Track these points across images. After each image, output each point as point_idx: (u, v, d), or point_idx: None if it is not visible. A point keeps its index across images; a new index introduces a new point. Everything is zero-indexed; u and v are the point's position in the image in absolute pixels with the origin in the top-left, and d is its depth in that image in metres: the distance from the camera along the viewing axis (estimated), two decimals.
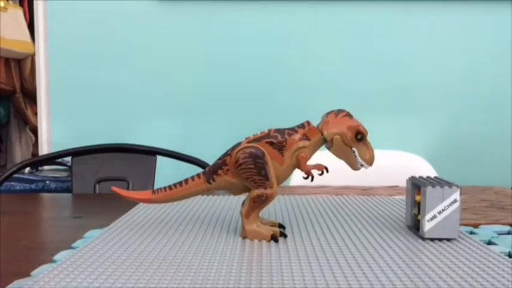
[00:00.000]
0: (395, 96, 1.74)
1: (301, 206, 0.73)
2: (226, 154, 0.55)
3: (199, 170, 1.22)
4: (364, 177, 0.84)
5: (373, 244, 0.52)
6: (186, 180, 0.56)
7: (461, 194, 0.53)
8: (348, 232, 0.57)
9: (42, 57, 1.77)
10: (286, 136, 0.54)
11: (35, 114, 2.45)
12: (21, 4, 2.83)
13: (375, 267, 0.45)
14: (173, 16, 1.72)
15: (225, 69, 1.73)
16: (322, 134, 0.54)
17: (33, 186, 1.76)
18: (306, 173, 0.54)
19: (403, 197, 0.80)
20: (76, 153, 1.26)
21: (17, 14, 2.72)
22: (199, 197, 0.80)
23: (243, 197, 0.59)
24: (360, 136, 0.54)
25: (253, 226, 0.54)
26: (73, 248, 0.53)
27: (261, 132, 0.55)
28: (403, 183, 0.71)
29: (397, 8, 1.72)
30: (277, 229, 0.55)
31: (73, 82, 1.75)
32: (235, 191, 0.56)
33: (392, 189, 0.93)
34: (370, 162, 0.54)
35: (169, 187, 0.56)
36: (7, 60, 2.80)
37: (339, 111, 0.56)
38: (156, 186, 1.23)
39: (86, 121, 1.74)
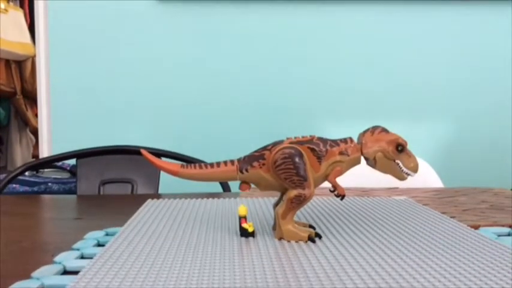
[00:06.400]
0: (397, 98, 1.74)
1: (303, 207, 0.73)
2: (265, 148, 0.55)
3: None
4: (364, 178, 0.84)
5: (378, 244, 0.53)
6: (218, 164, 0.55)
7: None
8: (365, 234, 0.58)
9: (43, 59, 1.78)
10: (328, 147, 0.55)
11: (36, 115, 2.45)
12: (21, 6, 2.84)
13: (388, 265, 0.45)
14: (173, 16, 1.73)
15: (225, 69, 1.73)
16: (362, 153, 0.55)
17: (35, 188, 1.76)
18: (332, 186, 0.55)
19: (404, 198, 0.80)
20: (81, 155, 1.26)
21: (18, 15, 2.73)
22: (215, 199, 0.80)
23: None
24: (400, 147, 0.55)
25: (290, 227, 0.54)
26: (73, 249, 0.53)
27: (303, 137, 0.56)
28: (403, 184, 0.71)
29: (399, 9, 1.72)
30: (312, 230, 0.55)
31: (73, 83, 1.75)
32: (264, 186, 0.56)
33: (392, 191, 0.93)
34: (415, 169, 0.55)
35: (200, 165, 0.56)
36: (7, 62, 2.80)
37: (374, 128, 0.57)
38: (160, 189, 1.22)
39: (87, 122, 1.74)
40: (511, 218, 0.70)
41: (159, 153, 1.27)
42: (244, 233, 0.56)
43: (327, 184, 0.57)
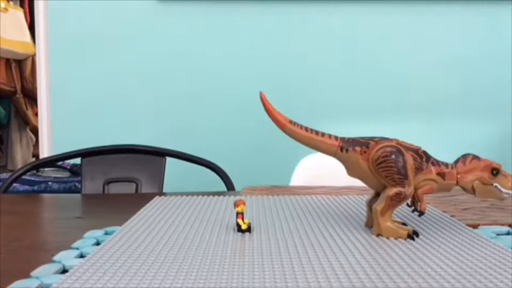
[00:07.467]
0: (396, 98, 1.74)
1: (303, 206, 0.73)
2: (371, 138, 0.56)
3: (208, 171, 1.22)
4: None
5: (374, 244, 0.53)
6: (323, 134, 0.57)
7: None
8: (365, 230, 0.58)
9: (43, 58, 1.78)
10: (430, 164, 0.55)
11: (36, 114, 2.45)
12: (21, 5, 2.84)
13: (387, 264, 0.45)
14: (173, 16, 1.72)
15: (225, 69, 1.73)
16: (457, 183, 0.56)
17: (35, 187, 1.76)
18: (418, 200, 0.55)
19: None
20: (85, 154, 1.26)
21: (18, 14, 2.73)
22: (220, 197, 0.80)
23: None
24: (495, 171, 0.56)
25: (389, 224, 0.54)
26: (72, 248, 0.53)
27: (411, 144, 0.56)
28: None
29: (398, 9, 1.72)
30: (410, 228, 0.55)
31: (74, 82, 1.75)
32: (354, 172, 0.56)
33: None
34: None
35: (306, 128, 0.57)
36: (7, 61, 2.80)
37: (464, 157, 0.57)
38: (165, 188, 1.22)
39: (87, 122, 1.74)
40: (511, 217, 0.70)
41: (161, 152, 1.26)
42: (240, 229, 0.57)
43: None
